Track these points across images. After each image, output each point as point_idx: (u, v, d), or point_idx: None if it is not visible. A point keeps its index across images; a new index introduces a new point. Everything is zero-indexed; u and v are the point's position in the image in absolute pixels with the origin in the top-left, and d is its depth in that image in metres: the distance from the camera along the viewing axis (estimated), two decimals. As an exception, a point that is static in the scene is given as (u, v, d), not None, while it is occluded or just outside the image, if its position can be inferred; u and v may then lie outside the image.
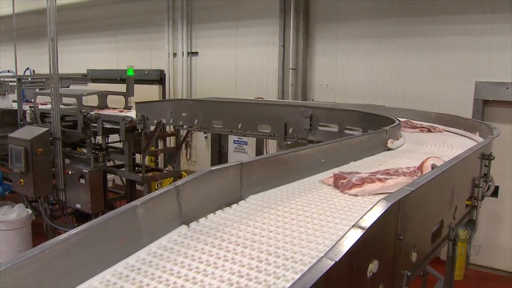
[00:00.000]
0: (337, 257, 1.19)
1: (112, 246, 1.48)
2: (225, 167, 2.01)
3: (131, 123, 5.83)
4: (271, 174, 2.28)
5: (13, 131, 7.14)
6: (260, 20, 8.48)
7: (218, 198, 1.99)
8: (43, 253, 1.30)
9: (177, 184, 1.77)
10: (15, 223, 7.04)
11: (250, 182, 2.15)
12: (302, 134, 4.77)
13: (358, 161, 2.87)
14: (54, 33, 6.52)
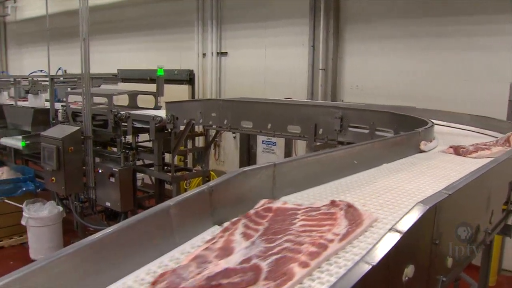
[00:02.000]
0: (374, 261, 1.17)
1: (146, 245, 1.48)
2: (258, 167, 2.00)
3: (161, 122, 5.86)
4: (303, 175, 2.26)
5: (45, 130, 7.25)
6: (290, 20, 8.46)
7: (250, 199, 1.97)
8: (78, 251, 1.31)
9: (210, 185, 1.77)
10: (46, 220, 7.14)
11: (283, 183, 2.13)
12: (332, 135, 4.74)
13: (390, 163, 2.82)
14: (86, 34, 6.60)
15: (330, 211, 1.64)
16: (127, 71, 8.20)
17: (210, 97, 9.36)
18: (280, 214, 1.69)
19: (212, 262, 1.32)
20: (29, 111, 7.94)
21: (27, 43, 16.66)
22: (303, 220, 1.59)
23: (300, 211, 1.69)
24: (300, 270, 1.24)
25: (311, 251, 1.34)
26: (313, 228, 1.52)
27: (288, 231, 1.50)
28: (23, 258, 7.47)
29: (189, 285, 1.18)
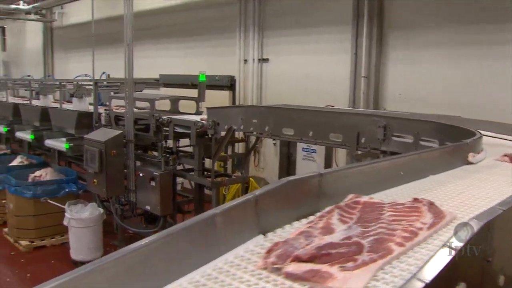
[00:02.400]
0: (427, 279, 1.12)
1: (190, 253, 1.46)
2: (304, 177, 1.97)
3: (202, 128, 5.89)
4: (348, 185, 2.21)
5: (89, 133, 7.39)
6: (332, 27, 8.39)
7: (295, 209, 1.94)
8: (124, 258, 1.30)
9: (256, 193, 1.74)
10: (87, 221, 7.25)
11: (327, 194, 2.09)
12: (375, 144, 4.64)
13: (437, 174, 2.73)
14: (130, 39, 6.71)
15: (414, 206, 1.75)
16: (168, 76, 8.29)
17: (251, 103, 9.36)
18: (369, 207, 1.79)
19: (317, 237, 1.48)
20: (73, 114, 8.10)
21: (72, 48, 17.09)
22: (391, 212, 1.71)
23: (386, 205, 1.80)
24: (398, 248, 1.38)
25: (404, 235, 1.47)
26: (401, 218, 1.64)
27: (379, 220, 1.62)
28: (64, 257, 7.62)
29: (301, 252, 1.35)
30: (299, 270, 1.28)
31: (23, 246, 8.00)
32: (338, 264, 1.27)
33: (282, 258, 1.36)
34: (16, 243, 8.20)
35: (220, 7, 10.47)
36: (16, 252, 8.00)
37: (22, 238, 8.14)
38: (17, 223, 8.18)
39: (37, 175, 8.66)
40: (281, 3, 9.16)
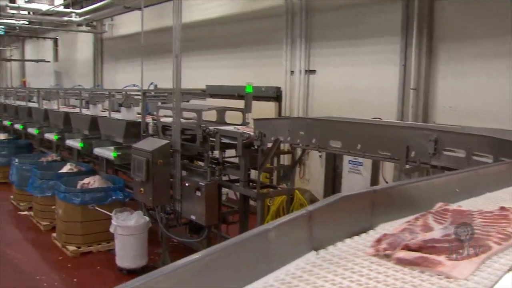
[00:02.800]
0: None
1: (242, 269, 1.44)
2: (358, 193, 1.92)
3: (248, 139, 5.88)
4: (402, 202, 2.14)
5: (136, 142, 7.49)
6: (380, 39, 8.28)
7: (348, 226, 1.89)
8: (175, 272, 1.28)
9: (309, 209, 1.71)
10: (133, 229, 7.32)
11: (381, 210, 2.03)
12: (425, 158, 4.52)
13: (494, 192, 2.62)
14: (178, 50, 6.78)
15: (503, 213, 1.83)
16: (215, 87, 8.34)
17: (297, 114, 9.32)
18: (458, 214, 1.87)
19: (419, 233, 1.64)
20: (122, 123, 8.25)
21: (121, 58, 17.49)
22: (481, 218, 1.79)
23: (475, 212, 1.88)
24: (496, 245, 1.49)
25: (500, 236, 1.57)
26: (493, 224, 1.72)
27: (472, 224, 1.70)
28: (109, 264, 7.73)
29: (410, 242, 1.52)
30: (410, 256, 1.45)
31: (70, 251, 8.15)
32: (444, 255, 1.42)
33: (393, 246, 1.53)
34: (63, 248, 8.38)
35: (267, 18, 10.50)
36: (63, 257, 8.17)
37: (70, 243, 8.31)
38: (65, 228, 8.36)
39: (86, 182, 8.84)
40: (329, 15, 9.12)
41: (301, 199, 8.88)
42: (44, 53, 25.64)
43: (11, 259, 8.13)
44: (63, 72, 23.75)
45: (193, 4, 12.10)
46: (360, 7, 8.55)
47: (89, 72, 19.94)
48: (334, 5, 9.02)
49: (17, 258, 8.20)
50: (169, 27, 6.95)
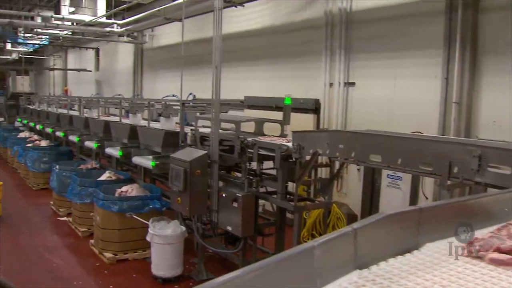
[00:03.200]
0: None
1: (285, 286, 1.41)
2: (404, 211, 1.87)
3: (286, 151, 5.85)
4: (449, 221, 2.08)
5: (174, 152, 7.55)
6: (421, 52, 8.14)
7: (392, 244, 1.84)
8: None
9: (354, 227, 1.67)
10: (170, 238, 7.36)
11: (427, 229, 1.97)
12: (469, 174, 4.39)
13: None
14: (218, 61, 6.82)
15: None
16: (253, 98, 8.36)
17: (335, 127, 9.24)
18: None
19: (506, 240, 1.75)
20: (161, 133, 8.33)
21: (160, 68, 17.74)
22: None
23: None
24: None
25: None
26: None
27: None
28: (145, 272, 7.79)
29: (501, 246, 1.68)
30: (503, 257, 1.62)
31: (107, 258, 8.25)
32: (534, 258, 1.57)
33: (485, 248, 1.70)
34: (100, 254, 8.49)
35: (306, 30, 10.49)
36: (100, 263, 8.27)
37: (107, 250, 8.40)
38: (102, 235, 8.46)
39: (124, 190, 8.94)
40: (369, 27, 9.03)
41: (338, 212, 8.78)
42: (86, 63, 26.26)
43: (49, 264, 8.29)
44: (104, 81, 24.25)
45: (233, 15, 12.18)
46: (401, 19, 8.45)
47: (129, 81, 20.29)
48: (374, 17, 8.94)
49: (55, 262, 8.35)
50: (209, 38, 7.01)
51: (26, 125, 20.40)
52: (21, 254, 8.72)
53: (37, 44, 26.75)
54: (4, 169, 17.81)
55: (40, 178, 14.28)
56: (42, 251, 8.93)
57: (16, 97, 28.68)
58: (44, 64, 34.16)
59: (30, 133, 18.92)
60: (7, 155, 18.87)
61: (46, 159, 14.11)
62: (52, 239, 9.77)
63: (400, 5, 8.46)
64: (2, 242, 9.40)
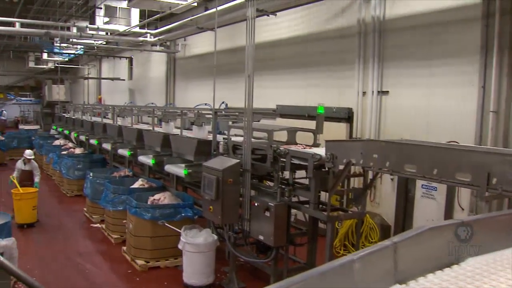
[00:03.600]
0: None
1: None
2: (445, 225, 1.83)
3: (319, 161, 5.80)
4: (492, 235, 2.02)
5: (207, 160, 7.58)
6: (457, 59, 7.99)
7: (431, 259, 1.80)
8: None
9: (394, 240, 1.63)
10: (202, 246, 7.38)
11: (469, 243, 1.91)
12: (508, 186, 4.27)
13: None
14: (251, 70, 6.83)
15: None
16: (285, 107, 8.34)
17: (368, 136, 9.14)
18: None
19: None
20: (193, 141, 8.37)
21: (192, 77, 17.88)
22: None
23: None
24: None
25: None
26: None
27: None
28: (176, 280, 7.83)
29: None
30: None
31: (139, 266, 8.31)
32: None
33: None
34: (133, 261, 8.56)
35: (339, 39, 10.43)
36: (132, 270, 8.34)
37: (139, 257, 8.47)
38: (135, 242, 8.54)
39: (156, 198, 9.02)
40: (403, 35, 8.93)
41: (371, 223, 8.68)
42: (119, 72, 26.69)
43: (83, 269, 8.41)
44: (137, 90, 24.58)
45: (265, 24, 12.21)
46: (436, 27, 8.32)
47: (161, 90, 20.52)
48: (408, 25, 8.83)
49: (88, 268, 8.46)
50: (240, 47, 7.03)
51: (61, 132, 20.82)
52: (55, 259, 8.88)
53: (72, 53, 27.32)
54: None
55: (74, 185, 14.55)
56: (75, 256, 9.07)
57: (51, 105, 29.35)
58: (79, 73, 34.88)
59: (65, 141, 19.32)
60: (43, 162, 19.25)
61: (80, 167, 14.36)
62: (85, 245, 9.92)
63: (434, 13, 8.33)
64: (37, 247, 9.59)
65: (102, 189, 10.66)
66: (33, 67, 33.37)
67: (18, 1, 19.22)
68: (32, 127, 30.29)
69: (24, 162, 11.86)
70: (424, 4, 8.48)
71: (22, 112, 42.79)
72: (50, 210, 12.46)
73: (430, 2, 8.38)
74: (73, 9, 16.95)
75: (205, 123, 8.81)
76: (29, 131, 27.13)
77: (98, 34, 17.10)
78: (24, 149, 15.28)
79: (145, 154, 10.38)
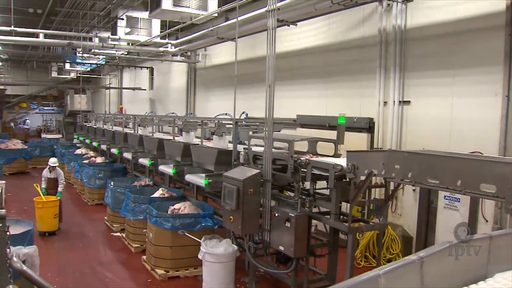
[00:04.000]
0: None
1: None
2: (473, 239, 1.79)
3: (340, 171, 5.75)
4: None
5: (227, 170, 7.57)
6: (480, 69, 7.88)
7: (459, 274, 1.75)
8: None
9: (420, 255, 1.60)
10: (221, 257, 7.36)
11: (498, 258, 1.87)
12: (535, 197, 4.19)
13: None
14: (272, 80, 6.82)
15: None
16: (306, 117, 8.29)
17: (390, 147, 9.05)
18: None
19: None
20: (214, 151, 8.38)
21: (213, 87, 17.97)
22: None
23: None
24: None
25: None
26: None
27: None
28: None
29: None
30: None
31: (159, 275, 8.32)
32: None
33: None
34: (152, 271, 8.58)
35: (360, 48, 10.39)
36: (152, 280, 8.36)
37: (159, 267, 8.48)
38: (155, 252, 8.55)
39: (176, 207, 9.04)
40: (425, 44, 8.85)
41: (393, 234, 8.58)
42: (140, 81, 26.94)
43: (103, 278, 8.45)
44: (157, 99, 24.77)
45: (285, 34, 12.23)
46: (459, 36, 8.23)
47: (182, 100, 20.64)
48: (430, 34, 8.75)
49: (108, 277, 8.50)
50: (261, 57, 7.03)
51: (82, 142, 21.04)
52: (76, 267, 8.94)
53: (94, 63, 27.71)
54: (61, 185, 18.44)
55: (95, 194, 14.67)
56: (96, 265, 9.12)
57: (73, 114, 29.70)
58: (101, 83, 35.31)
59: (86, 150, 19.51)
60: (64, 171, 19.46)
61: (101, 176, 14.48)
62: (105, 253, 9.97)
63: (456, 21, 8.25)
64: (59, 255, 9.67)
65: (123, 198, 10.73)
66: (56, 77, 33.85)
67: (42, 12, 19.58)
68: (54, 136, 30.66)
69: (50, 170, 12.03)
70: (446, 13, 8.41)
71: (44, 121, 43.43)
72: (71, 219, 12.56)
73: (452, 11, 8.30)
74: (95, 20, 17.17)
75: (226, 133, 8.82)
76: (51, 140, 27.46)
77: (119, 44, 17.31)
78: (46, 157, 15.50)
79: (166, 164, 10.42)
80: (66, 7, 17.06)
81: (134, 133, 13.85)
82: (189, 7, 11.57)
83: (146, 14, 14.23)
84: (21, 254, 6.47)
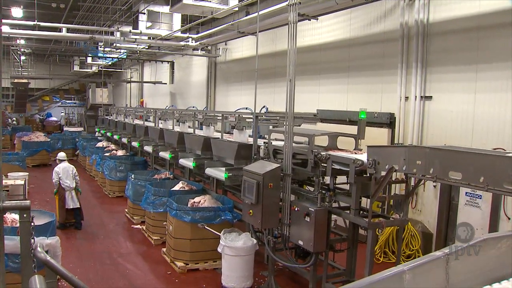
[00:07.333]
0: None
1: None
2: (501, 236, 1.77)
3: (361, 166, 5.73)
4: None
5: (247, 164, 7.58)
6: (504, 64, 7.76)
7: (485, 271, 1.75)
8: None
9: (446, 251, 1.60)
10: (241, 250, 7.40)
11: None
12: (559, 195, 4.14)
13: None
14: (292, 75, 6.81)
15: None
16: (326, 111, 8.27)
17: (411, 142, 8.99)
18: None
19: None
20: (234, 145, 8.40)
21: (233, 81, 17.99)
22: None
23: None
24: None
25: None
26: None
27: None
28: (214, 283, 7.88)
29: None
30: None
31: (178, 267, 8.39)
32: None
33: None
34: (172, 263, 8.66)
35: (381, 43, 10.32)
36: (171, 272, 8.44)
37: (178, 259, 8.56)
38: (174, 244, 8.63)
39: (196, 201, 9.09)
40: (447, 39, 8.75)
41: (413, 230, 8.53)
42: (161, 75, 27.08)
43: (123, 270, 8.55)
44: (178, 93, 24.88)
45: (306, 29, 12.19)
46: (481, 31, 8.12)
47: (202, 94, 20.71)
48: (453, 29, 8.65)
49: (128, 269, 8.60)
50: (281, 51, 7.03)
51: (104, 135, 21.24)
52: (97, 259, 9.06)
53: (116, 57, 27.92)
54: (82, 177, 18.61)
55: (116, 186, 14.83)
56: (116, 257, 9.24)
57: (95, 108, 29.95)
58: (122, 77, 35.57)
59: (107, 143, 19.70)
60: (86, 163, 19.69)
61: (122, 168, 14.63)
62: (126, 245, 10.08)
63: (479, 16, 8.14)
64: (80, 247, 9.81)
65: (143, 191, 10.82)
66: (78, 70, 34.25)
67: (64, 7, 19.78)
68: (76, 129, 31.01)
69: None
70: (469, 7, 8.30)
71: (66, 114, 43.91)
72: (92, 211, 12.73)
73: (475, 6, 8.19)
74: (117, 15, 17.29)
75: (246, 127, 8.82)
76: (73, 133, 27.79)
77: (140, 38, 17.43)
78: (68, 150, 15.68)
79: (186, 157, 10.48)
80: (88, 2, 17.23)
81: (155, 127, 13.94)
82: (210, 1, 11.62)
83: (167, 9, 14.29)
84: (44, 245, 6.60)
